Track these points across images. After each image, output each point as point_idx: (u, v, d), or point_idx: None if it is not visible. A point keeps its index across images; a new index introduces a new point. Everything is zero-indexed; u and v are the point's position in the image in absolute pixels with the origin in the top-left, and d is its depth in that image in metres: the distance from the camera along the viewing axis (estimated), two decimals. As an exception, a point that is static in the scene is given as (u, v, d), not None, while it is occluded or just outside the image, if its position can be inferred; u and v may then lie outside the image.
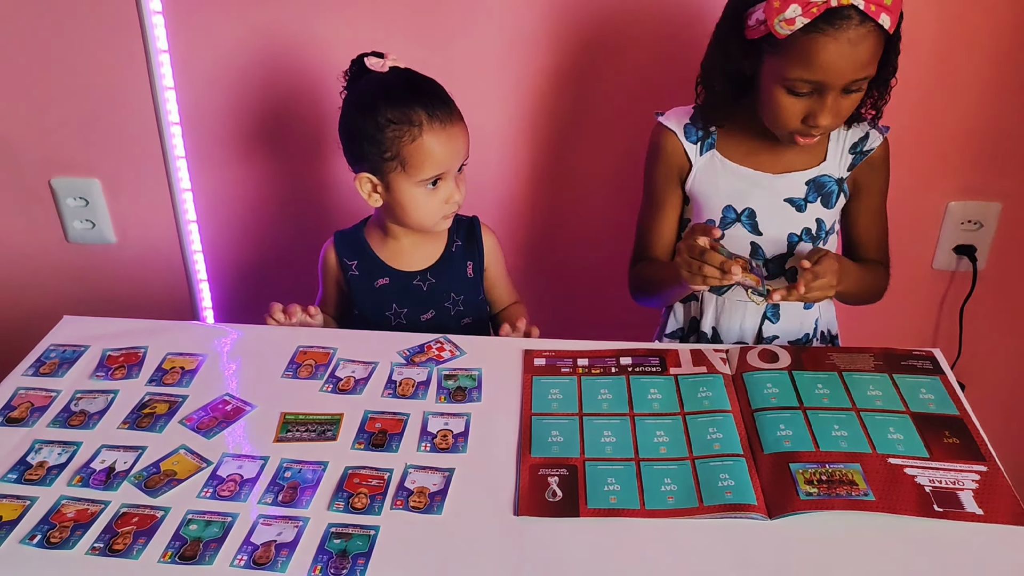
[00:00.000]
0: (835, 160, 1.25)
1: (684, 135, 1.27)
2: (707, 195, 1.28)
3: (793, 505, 0.91)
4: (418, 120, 1.17)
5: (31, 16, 1.53)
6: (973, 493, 0.92)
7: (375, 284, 1.31)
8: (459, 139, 1.21)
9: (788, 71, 1.10)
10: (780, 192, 1.25)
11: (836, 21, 1.05)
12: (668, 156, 1.29)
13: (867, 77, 1.10)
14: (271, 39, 1.53)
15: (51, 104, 1.61)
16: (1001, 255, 1.63)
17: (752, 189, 1.25)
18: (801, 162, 1.25)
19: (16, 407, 1.08)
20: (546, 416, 1.05)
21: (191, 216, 1.71)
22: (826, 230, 1.27)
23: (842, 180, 1.26)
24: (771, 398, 1.06)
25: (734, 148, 1.26)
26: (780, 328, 1.31)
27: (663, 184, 1.31)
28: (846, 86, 1.10)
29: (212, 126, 1.62)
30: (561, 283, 1.74)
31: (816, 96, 1.11)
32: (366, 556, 0.86)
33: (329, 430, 1.04)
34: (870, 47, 1.07)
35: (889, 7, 1.05)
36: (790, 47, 1.09)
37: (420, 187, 1.21)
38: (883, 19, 1.05)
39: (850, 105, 1.14)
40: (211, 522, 0.90)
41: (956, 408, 1.05)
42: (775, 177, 1.25)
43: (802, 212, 1.26)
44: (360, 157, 1.22)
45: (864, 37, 1.06)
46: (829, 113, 1.12)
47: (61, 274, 1.79)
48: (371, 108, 1.19)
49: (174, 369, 1.15)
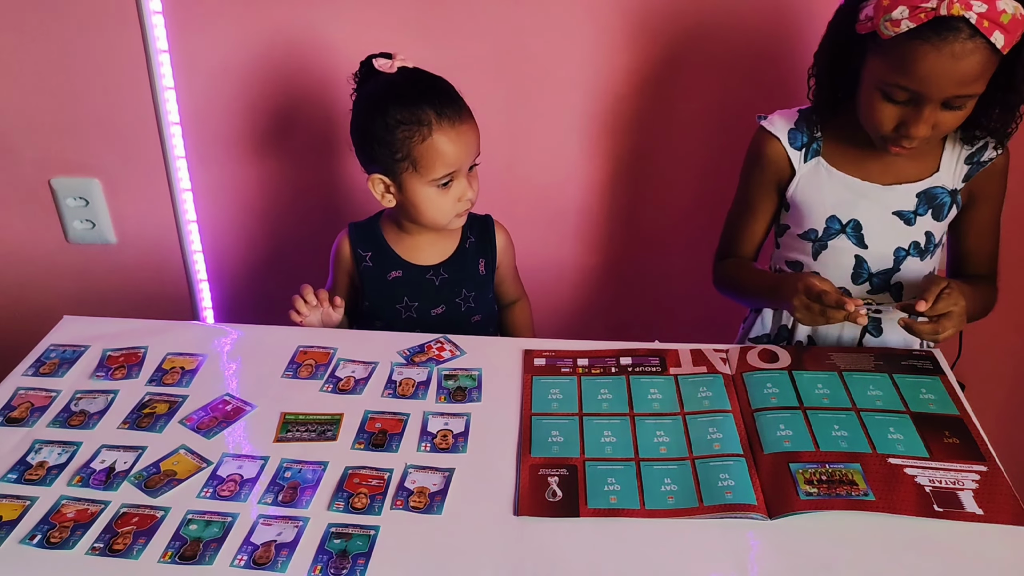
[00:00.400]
0: (949, 170, 1.18)
1: (788, 141, 1.22)
2: (810, 204, 1.23)
3: (793, 505, 0.91)
4: (427, 120, 1.17)
5: (31, 16, 1.53)
6: (973, 493, 0.92)
7: (388, 276, 1.31)
8: (469, 137, 1.21)
9: (887, 75, 1.05)
10: (889, 204, 1.19)
11: (943, 32, 0.99)
12: (769, 162, 1.24)
13: (972, 95, 1.04)
14: (271, 39, 1.53)
15: (51, 104, 1.61)
16: (1001, 255, 1.62)
17: (859, 200, 1.20)
18: (912, 172, 1.19)
19: (16, 407, 1.08)
20: (546, 416, 1.05)
21: (191, 216, 1.71)
22: (935, 243, 1.22)
23: (956, 192, 1.19)
24: (771, 398, 1.06)
25: (841, 156, 1.21)
26: (881, 342, 1.26)
27: (760, 189, 1.27)
28: (947, 101, 1.04)
29: (212, 126, 1.62)
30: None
31: (912, 105, 1.06)
32: (366, 556, 0.86)
33: (329, 430, 1.04)
34: (977, 64, 1.00)
35: (1005, 25, 0.98)
36: (892, 50, 1.03)
37: (432, 186, 1.21)
38: (996, 37, 0.98)
39: (952, 121, 1.08)
40: (211, 522, 0.90)
41: (956, 408, 1.05)
42: (884, 188, 1.19)
43: (911, 225, 1.20)
44: (372, 159, 1.22)
45: (971, 53, 0.99)
46: (924, 125, 1.06)
47: (61, 274, 1.79)
48: (380, 110, 1.19)
49: (174, 369, 1.15)
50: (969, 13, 0.97)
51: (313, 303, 1.25)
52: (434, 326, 1.28)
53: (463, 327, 1.32)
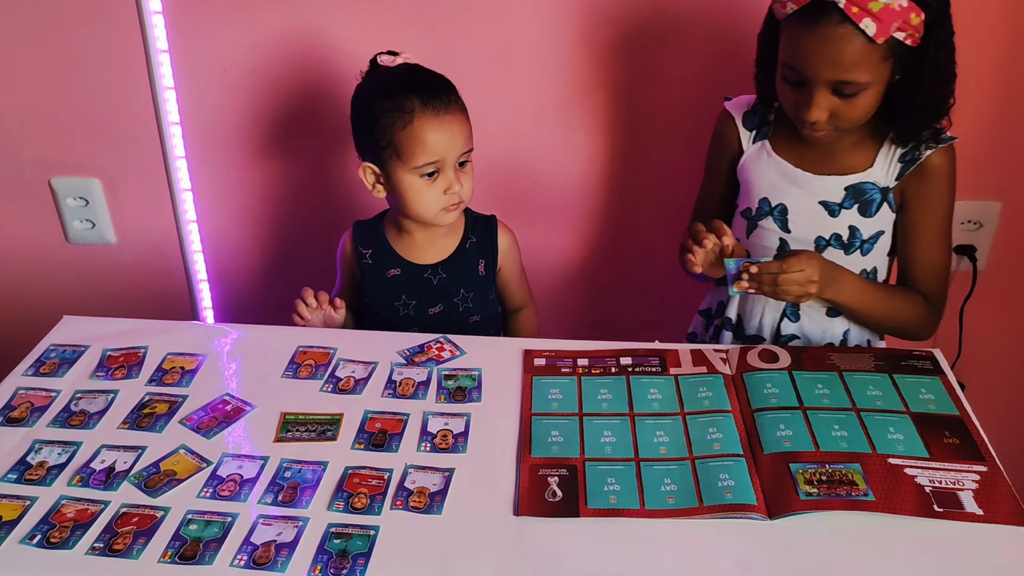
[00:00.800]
0: (883, 167, 1.20)
1: (743, 122, 1.28)
2: (749, 183, 1.28)
3: (793, 505, 0.91)
4: (410, 107, 1.19)
5: (31, 16, 1.53)
6: (973, 493, 0.92)
7: (387, 274, 1.32)
8: (455, 128, 1.21)
9: (782, 56, 1.12)
10: (816, 193, 1.22)
11: (816, 15, 1.04)
12: (725, 141, 1.31)
13: (858, 81, 1.07)
14: (271, 39, 1.53)
15: (51, 104, 1.61)
16: (1001, 255, 1.63)
17: (789, 186, 1.24)
18: (846, 166, 1.21)
19: (16, 407, 1.08)
20: (546, 416, 1.05)
21: (191, 216, 1.71)
22: (862, 239, 1.23)
23: (888, 190, 1.20)
24: (771, 398, 1.06)
25: (785, 142, 1.25)
26: (799, 328, 1.28)
27: (716, 166, 1.34)
28: (834, 86, 1.08)
29: (212, 126, 1.62)
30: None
31: (804, 89, 1.11)
32: (366, 556, 0.86)
33: (329, 430, 1.04)
34: (851, 51, 1.04)
35: (876, 13, 1.02)
36: (784, 32, 1.11)
37: (416, 176, 1.22)
38: (866, 24, 1.02)
39: (850, 111, 1.11)
40: (211, 522, 0.90)
41: (956, 408, 1.05)
42: (814, 177, 1.22)
43: (835, 216, 1.22)
44: (362, 147, 1.25)
45: (843, 38, 1.04)
46: (816, 109, 1.10)
47: (61, 274, 1.79)
48: (369, 100, 1.21)
49: (174, 369, 1.15)
50: None
51: (314, 305, 1.26)
52: (432, 325, 1.29)
53: (461, 327, 1.32)
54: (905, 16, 1.04)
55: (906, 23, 1.04)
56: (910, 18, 1.04)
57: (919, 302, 1.24)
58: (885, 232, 1.24)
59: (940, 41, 1.08)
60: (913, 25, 1.05)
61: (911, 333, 1.26)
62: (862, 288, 1.21)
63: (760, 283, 1.12)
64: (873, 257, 1.25)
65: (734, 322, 1.34)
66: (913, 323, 1.25)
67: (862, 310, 1.22)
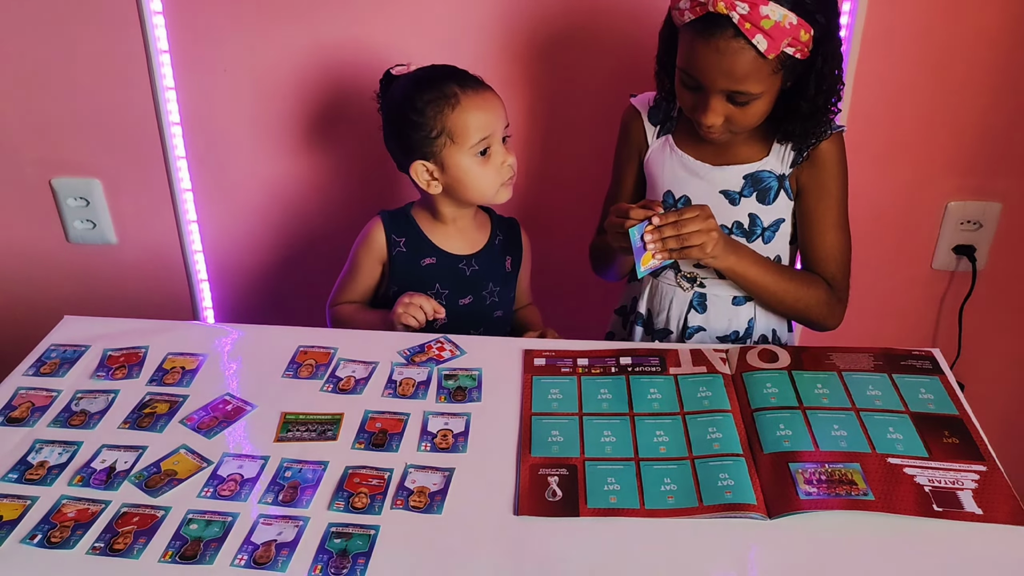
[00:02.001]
0: (777, 156, 1.24)
1: (648, 117, 1.31)
2: (654, 177, 1.31)
3: (793, 505, 0.91)
4: (452, 92, 1.23)
5: (32, 16, 1.54)
6: (972, 493, 0.92)
7: (421, 263, 1.33)
8: (496, 102, 1.27)
9: (679, 60, 1.15)
10: (716, 183, 1.26)
11: (712, 27, 1.07)
12: (631, 135, 1.33)
13: (750, 92, 1.10)
14: (271, 39, 1.53)
15: (52, 104, 1.61)
16: (1000, 255, 1.63)
17: (690, 178, 1.27)
18: (744, 156, 1.25)
19: (17, 407, 1.08)
20: (546, 416, 1.05)
21: (191, 216, 1.71)
22: (763, 226, 1.27)
23: (783, 177, 1.25)
24: (771, 398, 1.06)
25: (687, 138, 1.28)
26: (706, 319, 1.32)
27: (624, 161, 1.36)
28: (730, 95, 1.12)
29: (213, 126, 1.62)
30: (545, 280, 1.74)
31: (700, 94, 1.14)
32: (366, 556, 0.86)
33: (329, 430, 1.04)
34: (743, 63, 1.08)
35: (767, 30, 1.05)
36: (682, 38, 1.13)
37: (472, 156, 1.25)
38: (758, 40, 1.05)
39: (743, 117, 1.14)
40: (211, 522, 0.90)
41: (955, 408, 1.05)
42: (714, 168, 1.26)
43: (735, 205, 1.26)
44: (410, 147, 1.26)
45: (736, 52, 1.07)
46: (711, 114, 1.14)
47: (62, 274, 1.79)
48: (408, 99, 1.24)
49: (175, 369, 1.15)
50: (732, 13, 1.05)
51: (430, 315, 1.25)
52: (460, 315, 1.32)
53: (486, 320, 1.36)
54: (795, 33, 1.07)
55: (796, 39, 1.08)
56: (799, 35, 1.08)
57: (822, 286, 1.27)
58: (785, 220, 1.28)
59: (827, 55, 1.12)
60: (802, 41, 1.09)
61: (816, 318, 1.28)
62: (763, 262, 1.24)
63: (663, 238, 1.12)
64: (776, 245, 1.29)
65: (645, 317, 1.37)
66: (816, 308, 1.27)
67: (767, 286, 1.24)
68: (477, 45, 1.51)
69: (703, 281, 1.30)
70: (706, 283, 1.30)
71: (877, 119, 1.52)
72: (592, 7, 1.48)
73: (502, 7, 1.49)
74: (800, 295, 1.26)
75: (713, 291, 1.30)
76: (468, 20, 1.50)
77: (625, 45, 1.49)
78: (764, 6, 1.04)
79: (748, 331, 1.32)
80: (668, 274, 1.32)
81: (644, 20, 1.46)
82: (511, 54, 1.52)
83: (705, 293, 1.31)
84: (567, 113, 1.58)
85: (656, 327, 1.36)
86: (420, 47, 1.49)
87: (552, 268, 1.70)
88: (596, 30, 1.49)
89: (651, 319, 1.36)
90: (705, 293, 1.31)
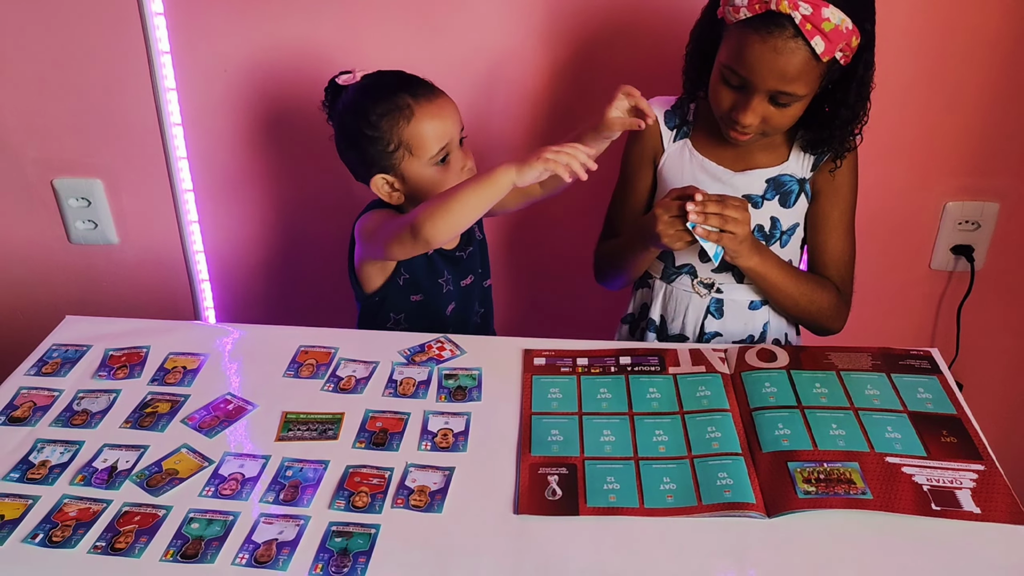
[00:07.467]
0: (797, 160, 1.25)
1: (664, 120, 1.31)
2: (672, 182, 1.29)
3: (791, 504, 0.91)
4: (405, 103, 1.20)
5: (33, 17, 1.54)
6: (971, 492, 0.93)
7: (427, 254, 1.31)
8: (450, 108, 1.24)
9: (726, 58, 1.13)
10: (739, 188, 1.26)
11: (771, 25, 1.06)
12: (646, 138, 1.32)
13: (796, 94, 1.10)
14: (272, 39, 1.54)
15: (53, 105, 1.62)
16: (999, 255, 1.64)
17: (712, 183, 1.27)
18: (764, 161, 1.26)
19: (19, 407, 1.09)
20: (546, 415, 1.06)
21: (193, 216, 1.71)
22: (782, 230, 1.27)
23: (804, 180, 1.25)
24: (769, 397, 1.07)
25: (705, 142, 1.28)
26: (722, 325, 1.31)
27: (637, 163, 1.34)
28: (772, 95, 1.11)
29: (214, 126, 1.63)
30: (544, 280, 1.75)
31: (743, 92, 1.13)
32: (367, 554, 0.86)
33: (330, 429, 1.04)
34: (797, 64, 1.07)
35: (827, 33, 1.05)
36: (732, 36, 1.12)
37: (431, 166, 1.23)
38: (816, 42, 1.05)
39: (780, 119, 1.14)
40: (213, 521, 0.91)
41: (954, 407, 1.05)
42: (736, 174, 1.26)
43: (758, 208, 1.26)
44: (368, 161, 1.24)
45: (792, 51, 1.06)
46: (751, 113, 1.13)
47: (63, 274, 1.79)
48: (361, 112, 1.21)
49: (176, 369, 1.15)
50: (795, 13, 1.04)
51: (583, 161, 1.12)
52: (465, 294, 1.33)
53: (482, 291, 1.38)
54: (848, 39, 1.07)
55: (848, 45, 1.08)
56: (851, 40, 1.08)
57: (832, 289, 1.28)
58: (799, 224, 1.29)
59: (868, 62, 1.13)
60: (852, 47, 1.09)
61: (825, 321, 1.29)
62: (784, 265, 1.24)
63: (707, 213, 1.12)
64: (790, 249, 1.30)
65: (657, 324, 1.35)
66: (827, 310, 1.28)
67: (785, 288, 1.24)
68: (480, 44, 1.51)
69: (720, 287, 1.30)
70: (723, 288, 1.30)
71: (876, 119, 1.51)
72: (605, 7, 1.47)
73: (510, 7, 1.48)
74: (814, 298, 1.26)
75: (730, 296, 1.30)
76: (471, 20, 1.50)
77: (629, 46, 1.49)
78: (826, 8, 1.04)
79: (763, 335, 1.32)
80: (684, 280, 1.31)
81: (645, 20, 1.47)
82: (516, 54, 1.52)
83: (722, 299, 1.30)
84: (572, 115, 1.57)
85: (670, 333, 1.34)
86: (420, 47, 1.50)
87: (555, 270, 1.70)
88: (606, 31, 1.49)
89: (664, 325, 1.35)
90: (722, 299, 1.30)
